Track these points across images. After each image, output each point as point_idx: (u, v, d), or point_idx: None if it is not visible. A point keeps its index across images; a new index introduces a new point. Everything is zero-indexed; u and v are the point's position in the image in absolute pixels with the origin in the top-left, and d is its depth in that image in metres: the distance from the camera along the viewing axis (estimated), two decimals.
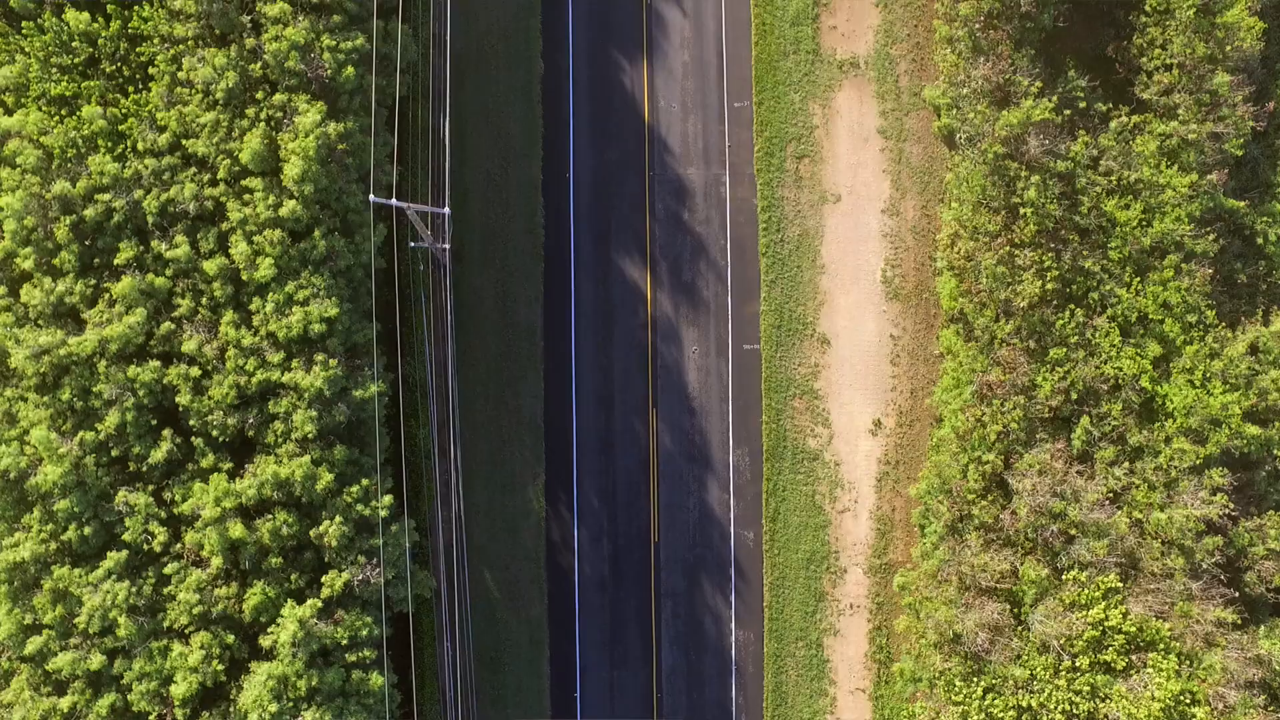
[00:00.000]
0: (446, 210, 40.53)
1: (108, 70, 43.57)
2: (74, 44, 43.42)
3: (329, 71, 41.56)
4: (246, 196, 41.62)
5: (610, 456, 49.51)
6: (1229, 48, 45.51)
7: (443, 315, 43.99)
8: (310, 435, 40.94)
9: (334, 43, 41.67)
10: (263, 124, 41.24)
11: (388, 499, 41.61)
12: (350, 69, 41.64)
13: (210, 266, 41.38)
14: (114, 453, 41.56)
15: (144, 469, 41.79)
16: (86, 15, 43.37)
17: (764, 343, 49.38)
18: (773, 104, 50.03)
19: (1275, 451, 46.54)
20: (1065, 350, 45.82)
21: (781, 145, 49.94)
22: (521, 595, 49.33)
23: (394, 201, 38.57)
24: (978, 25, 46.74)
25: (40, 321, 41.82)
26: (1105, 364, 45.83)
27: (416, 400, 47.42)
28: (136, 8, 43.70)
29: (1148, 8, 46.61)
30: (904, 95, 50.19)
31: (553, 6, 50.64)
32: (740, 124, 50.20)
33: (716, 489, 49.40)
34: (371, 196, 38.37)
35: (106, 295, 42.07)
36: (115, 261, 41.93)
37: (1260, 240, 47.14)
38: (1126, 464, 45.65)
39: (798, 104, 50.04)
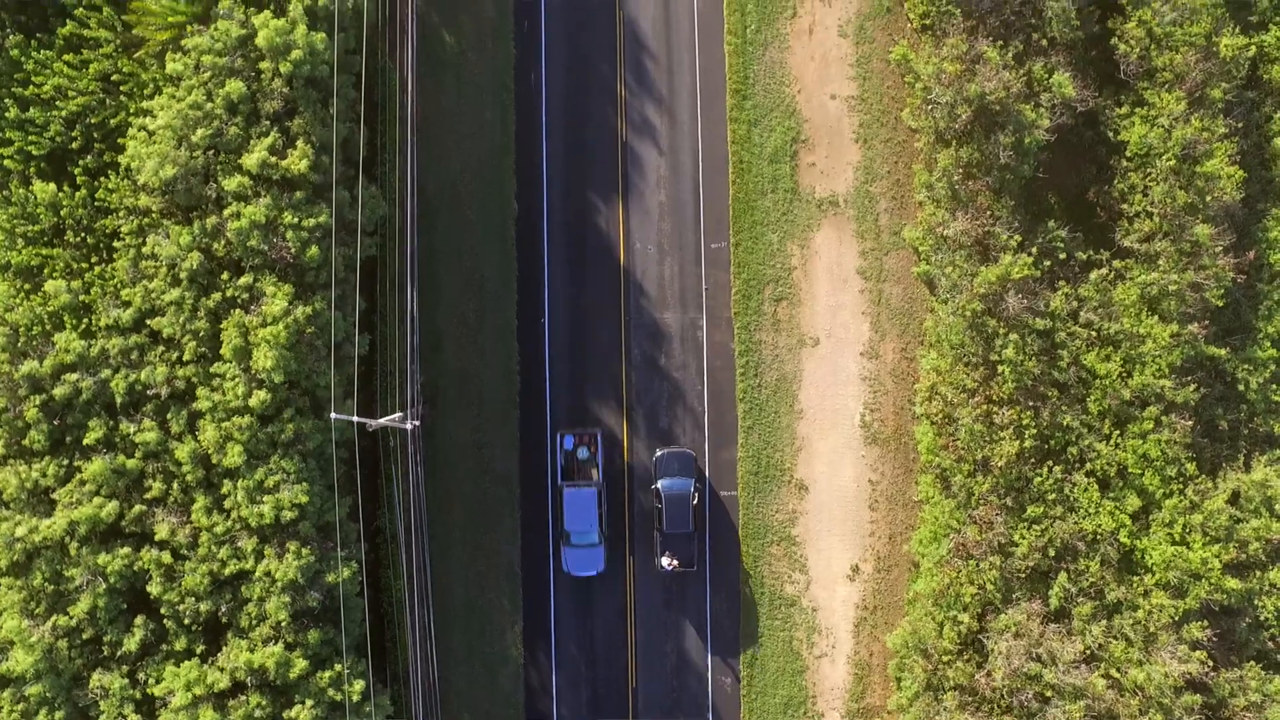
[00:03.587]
0: (409, 427, 40.28)
1: (73, 240, 43.21)
2: (39, 214, 43.07)
3: (293, 250, 41.12)
4: (215, 381, 41.36)
5: (588, 603, 49.39)
6: (1209, 198, 44.87)
7: (414, 486, 43.80)
8: (284, 621, 40.92)
9: (296, 220, 41.18)
10: (237, 311, 40.86)
11: (359, 684, 41.57)
12: (315, 249, 41.19)
13: (181, 452, 41.21)
14: (86, 635, 41.58)
15: (118, 652, 41.78)
16: (53, 186, 43.01)
17: (741, 489, 49.11)
18: (750, 244, 49.46)
19: (1256, 602, 46.35)
20: (1043, 507, 45.48)
21: (759, 287, 49.41)
22: None
23: (355, 418, 38.35)
24: (957, 176, 46.10)
25: (13, 505, 41.76)
26: (1084, 520, 45.52)
27: (389, 553, 47.31)
28: (102, 178, 43.32)
29: (1129, 153, 45.95)
30: (884, 234, 49.58)
31: (527, 146, 49.97)
32: (718, 265, 49.66)
33: (694, 634, 49.30)
34: (333, 414, 38.13)
35: (78, 475, 41.93)
36: (85, 441, 41.76)
37: (1241, 387, 46.68)
38: (1104, 620, 45.46)
39: (776, 244, 49.46)
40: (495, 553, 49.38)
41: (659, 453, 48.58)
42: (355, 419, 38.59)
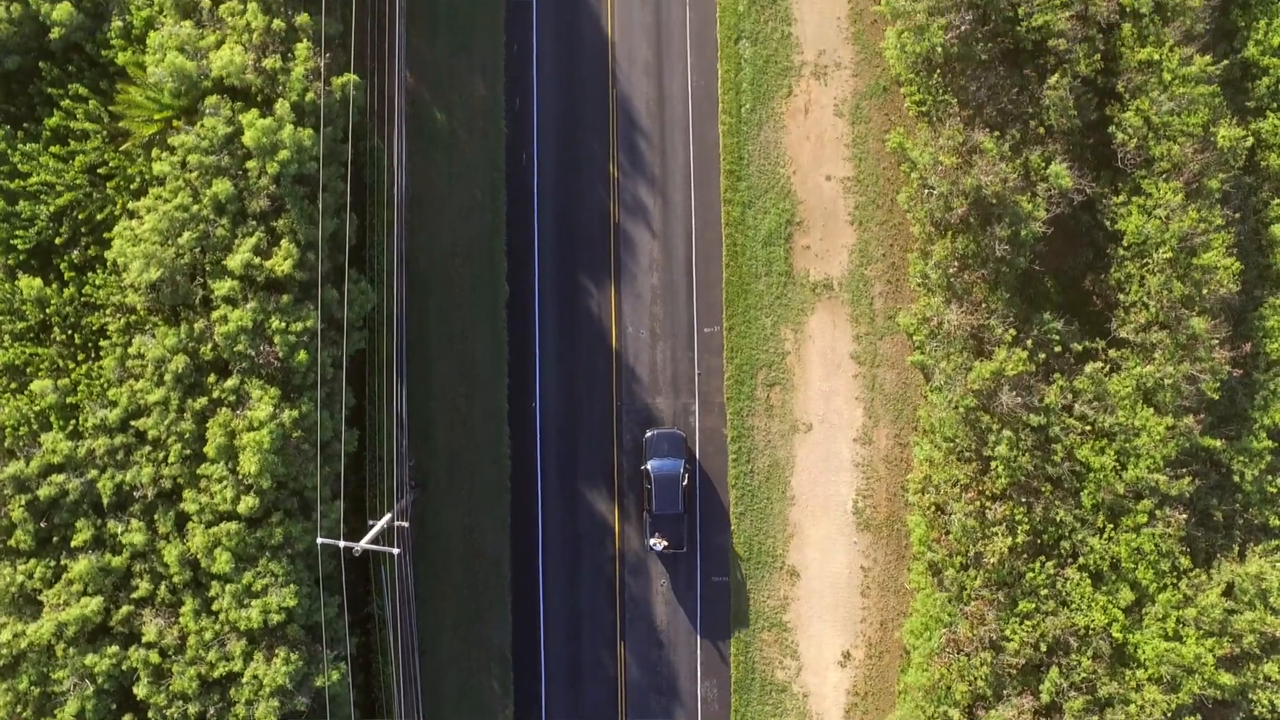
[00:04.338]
0: (395, 550, 40.03)
1: (60, 338, 42.90)
2: (26, 310, 42.74)
3: (281, 355, 40.78)
4: (203, 483, 41.12)
5: (579, 688, 49.31)
6: (1206, 290, 44.40)
7: (404, 574, 43.60)
8: None
9: (284, 325, 40.82)
10: (223, 411, 40.58)
11: None
12: (303, 353, 40.86)
13: (169, 555, 41.01)
14: None
15: None
16: (39, 282, 42.68)
17: (733, 575, 48.90)
18: (743, 329, 49.06)
19: (1250, 695, 46.08)
20: (1035, 602, 45.22)
21: (752, 372, 49.05)
22: None
23: (342, 543, 38.12)
24: (952, 269, 45.65)
25: None
26: (1076, 614, 45.25)
27: (379, 639, 47.15)
28: (90, 273, 42.97)
29: (1126, 243, 45.47)
30: (878, 318, 49.17)
31: (518, 227, 49.52)
32: (710, 350, 49.29)
33: None
34: (320, 539, 37.89)
35: (65, 575, 41.74)
36: (74, 542, 41.56)
37: (1237, 478, 46.31)
38: (1096, 716, 45.25)
39: (769, 329, 49.06)
40: (486, 637, 49.25)
41: (649, 434, 48.31)
42: (341, 544, 38.38)
